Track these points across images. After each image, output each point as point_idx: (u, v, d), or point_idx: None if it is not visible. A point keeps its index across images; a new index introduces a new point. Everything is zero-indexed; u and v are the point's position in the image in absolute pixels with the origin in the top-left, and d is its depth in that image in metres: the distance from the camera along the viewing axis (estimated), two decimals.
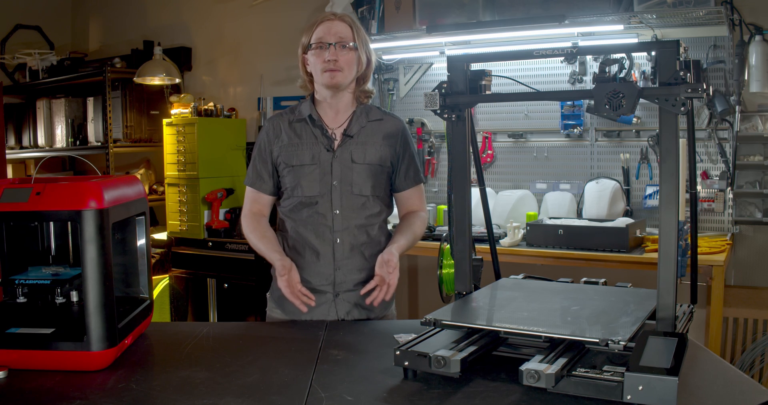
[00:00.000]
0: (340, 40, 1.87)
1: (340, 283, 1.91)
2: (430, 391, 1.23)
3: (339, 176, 1.90)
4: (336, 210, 1.89)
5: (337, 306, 1.92)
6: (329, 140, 1.92)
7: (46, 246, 1.57)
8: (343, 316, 1.92)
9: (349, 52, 1.88)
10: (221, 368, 1.39)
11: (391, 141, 1.96)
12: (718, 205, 3.19)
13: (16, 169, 5.02)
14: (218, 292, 3.91)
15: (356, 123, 1.94)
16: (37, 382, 1.30)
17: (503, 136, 3.72)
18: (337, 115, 1.95)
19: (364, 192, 1.91)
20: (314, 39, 1.88)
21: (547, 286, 1.67)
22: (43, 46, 5.02)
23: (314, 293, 1.90)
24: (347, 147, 1.92)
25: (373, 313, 1.95)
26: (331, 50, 1.85)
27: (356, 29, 1.91)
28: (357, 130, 1.93)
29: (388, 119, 2.00)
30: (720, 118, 3.12)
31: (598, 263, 2.87)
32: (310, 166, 1.91)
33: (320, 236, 1.90)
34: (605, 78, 1.30)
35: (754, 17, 3.08)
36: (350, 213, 1.90)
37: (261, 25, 4.44)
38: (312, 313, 1.91)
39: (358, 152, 1.92)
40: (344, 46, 1.87)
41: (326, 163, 1.90)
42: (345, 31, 1.88)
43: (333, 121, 1.95)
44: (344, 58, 1.87)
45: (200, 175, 3.96)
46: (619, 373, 1.15)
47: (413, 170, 1.99)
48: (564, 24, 3.05)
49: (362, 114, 1.96)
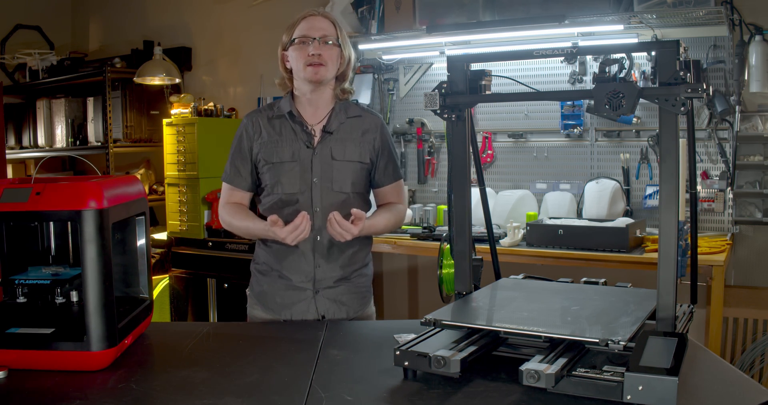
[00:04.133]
0: (324, 36, 1.88)
1: (320, 280, 1.93)
2: (430, 391, 1.23)
3: (319, 173, 1.91)
4: (316, 207, 1.91)
5: (317, 303, 1.93)
6: (309, 136, 1.93)
7: (46, 246, 1.57)
8: (323, 313, 1.94)
9: (333, 47, 1.89)
10: (221, 368, 1.39)
11: (369, 137, 1.97)
12: (718, 205, 3.19)
13: (16, 169, 5.02)
14: (218, 292, 3.91)
15: (335, 119, 1.95)
16: (37, 382, 1.30)
17: (503, 136, 3.72)
18: (317, 111, 1.96)
19: (344, 189, 1.92)
20: (297, 34, 1.89)
21: (547, 286, 1.67)
22: (43, 46, 5.02)
23: (294, 291, 1.94)
24: (327, 143, 1.93)
25: (352, 309, 1.97)
26: (314, 45, 1.87)
27: (338, 27, 1.94)
28: (336, 127, 1.94)
29: (367, 116, 2.01)
30: (720, 118, 3.12)
31: (598, 263, 2.87)
32: (290, 163, 1.92)
33: None
34: (605, 78, 1.30)
35: (754, 17, 3.08)
36: (330, 210, 1.88)
37: (261, 25, 4.45)
38: (291, 310, 1.94)
39: (337, 149, 1.93)
40: (327, 42, 1.88)
41: (306, 160, 1.91)
42: (328, 27, 1.90)
43: (312, 118, 1.95)
44: (327, 53, 1.88)
45: (200, 175, 3.96)
46: (619, 373, 1.15)
47: (392, 166, 2.01)
48: (564, 24, 3.05)
49: (341, 110, 1.97)
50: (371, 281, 2.07)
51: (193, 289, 4.03)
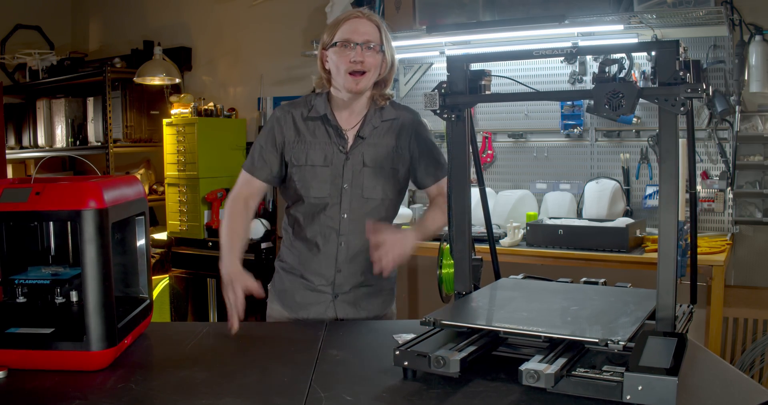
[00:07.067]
0: (367, 41, 1.80)
1: (339, 284, 1.90)
2: (430, 391, 1.23)
3: (350, 179, 1.86)
4: (344, 214, 1.86)
5: (336, 307, 1.92)
6: (343, 141, 1.87)
7: (46, 246, 1.57)
8: (342, 316, 1.92)
9: (375, 53, 1.81)
10: (221, 368, 1.39)
11: (403, 143, 1.92)
12: (718, 205, 3.19)
13: (16, 169, 5.02)
14: (218, 292, 3.90)
15: (369, 124, 1.89)
16: (37, 382, 1.30)
17: (503, 136, 3.72)
18: (351, 115, 1.90)
19: (374, 196, 1.88)
20: (339, 37, 1.81)
21: (547, 286, 1.67)
22: (43, 46, 5.03)
23: (314, 293, 1.91)
24: (359, 149, 1.87)
25: (372, 312, 1.95)
26: (357, 51, 1.78)
27: (383, 30, 1.84)
28: (369, 132, 1.88)
29: (401, 115, 1.94)
30: (720, 118, 3.12)
31: (598, 263, 2.87)
32: (321, 167, 1.86)
33: (325, 238, 1.87)
34: (605, 78, 1.30)
35: (754, 17, 3.08)
36: (358, 217, 1.86)
37: (261, 25, 4.44)
38: (308, 311, 1.92)
39: (369, 154, 1.87)
40: (370, 47, 1.80)
41: (338, 165, 1.86)
42: (373, 31, 1.82)
43: (346, 122, 1.89)
44: (370, 59, 1.80)
45: (200, 175, 3.96)
46: (618, 373, 1.15)
47: (433, 165, 1.94)
48: (564, 24, 3.05)
49: (376, 114, 1.90)
50: (395, 283, 2.03)
51: (193, 289, 4.03)
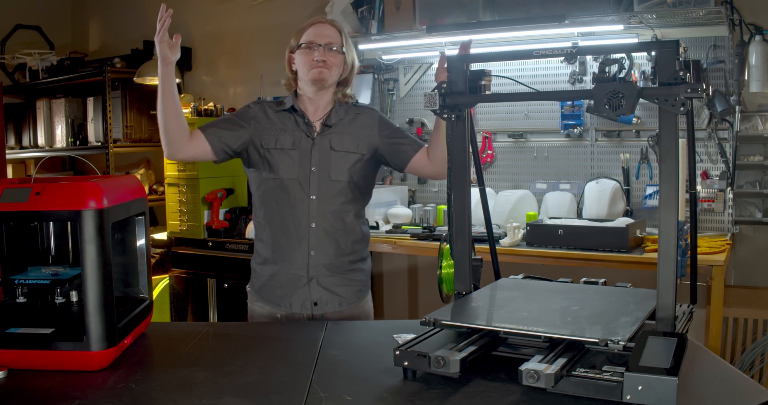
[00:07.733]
0: (329, 42, 1.99)
1: (313, 266, 1.97)
2: (430, 391, 1.23)
3: (317, 162, 1.98)
4: (313, 195, 1.97)
5: (311, 290, 1.98)
6: (309, 128, 2.02)
7: (46, 246, 1.57)
8: (315, 300, 1.98)
9: (337, 54, 2.00)
10: (221, 368, 1.39)
11: (368, 132, 2.05)
12: (718, 205, 3.19)
13: (16, 169, 5.02)
14: (218, 292, 3.91)
15: (335, 115, 2.04)
16: (37, 382, 1.30)
17: (503, 136, 3.72)
18: (317, 110, 2.05)
19: (341, 178, 1.99)
20: (304, 39, 2.00)
21: (547, 286, 1.67)
22: (43, 46, 5.03)
23: (290, 278, 1.99)
24: (326, 136, 2.01)
25: (346, 301, 2.02)
26: (320, 51, 1.97)
27: (344, 35, 2.05)
28: (336, 121, 2.03)
29: (365, 112, 2.10)
30: (720, 118, 3.12)
31: (598, 263, 2.87)
32: (290, 150, 1.99)
33: (296, 220, 1.97)
34: (605, 78, 1.30)
35: (754, 17, 3.08)
36: (326, 199, 1.97)
37: (261, 25, 4.44)
38: (288, 298, 1.99)
39: (336, 140, 2.01)
40: (332, 48, 1.99)
41: (306, 149, 1.99)
42: (334, 35, 2.01)
43: (313, 115, 2.05)
44: (332, 59, 1.99)
45: (200, 175, 3.96)
46: (618, 373, 1.15)
47: (407, 140, 2.08)
48: (564, 24, 3.05)
49: (341, 108, 2.07)
50: (369, 277, 2.11)
51: (193, 289, 4.03)
